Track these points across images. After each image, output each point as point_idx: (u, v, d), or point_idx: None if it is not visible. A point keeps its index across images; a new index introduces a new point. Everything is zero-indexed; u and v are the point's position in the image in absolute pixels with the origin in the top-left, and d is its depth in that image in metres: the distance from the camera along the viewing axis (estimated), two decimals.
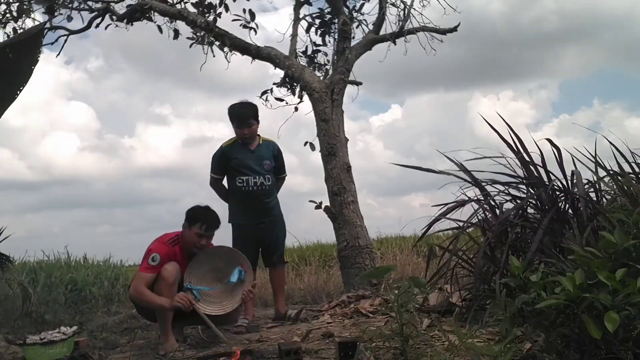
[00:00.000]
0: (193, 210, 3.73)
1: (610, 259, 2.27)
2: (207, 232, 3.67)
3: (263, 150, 4.42)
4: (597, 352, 2.23)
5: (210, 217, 3.72)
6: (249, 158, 4.36)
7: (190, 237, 3.65)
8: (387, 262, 7.33)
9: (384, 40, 5.99)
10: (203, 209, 3.75)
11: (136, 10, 6.26)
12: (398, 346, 2.83)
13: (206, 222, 3.66)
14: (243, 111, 4.39)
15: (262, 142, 4.46)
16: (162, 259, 3.55)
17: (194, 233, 3.64)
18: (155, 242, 3.68)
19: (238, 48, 5.93)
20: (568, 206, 3.76)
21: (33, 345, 3.12)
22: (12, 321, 5.24)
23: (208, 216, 3.71)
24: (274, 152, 4.48)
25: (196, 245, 3.67)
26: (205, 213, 3.72)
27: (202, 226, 3.64)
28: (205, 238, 3.68)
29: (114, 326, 5.02)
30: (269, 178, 4.37)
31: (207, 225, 3.66)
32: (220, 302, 3.74)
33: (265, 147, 4.45)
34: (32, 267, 8.08)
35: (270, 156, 4.43)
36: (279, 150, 4.54)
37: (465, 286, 4.02)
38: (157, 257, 3.55)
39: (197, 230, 3.63)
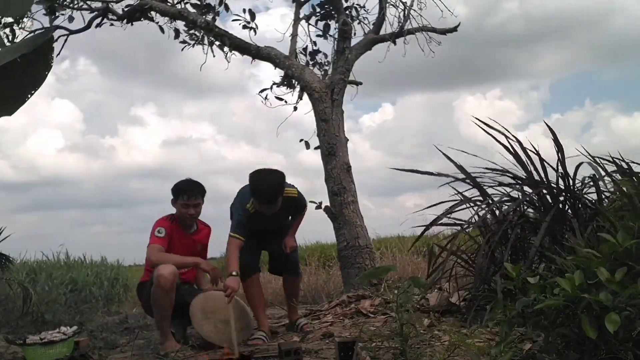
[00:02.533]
0: (174, 185, 3.86)
1: (610, 259, 2.28)
2: (190, 200, 3.78)
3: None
4: (597, 352, 2.23)
5: (190, 186, 3.83)
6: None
7: (179, 210, 3.81)
8: (387, 262, 7.33)
9: (384, 40, 5.99)
10: (182, 181, 3.86)
11: (136, 10, 6.26)
12: (398, 346, 2.84)
13: (186, 192, 3.78)
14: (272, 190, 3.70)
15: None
16: (167, 232, 3.72)
17: (180, 205, 3.79)
18: (157, 221, 3.83)
19: (238, 48, 5.94)
20: (568, 206, 3.76)
21: (33, 345, 3.12)
22: (12, 321, 5.24)
23: (187, 186, 3.82)
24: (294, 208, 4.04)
25: (187, 216, 3.81)
26: (185, 184, 3.83)
27: (184, 196, 3.77)
28: (192, 207, 3.79)
29: (114, 326, 5.02)
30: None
31: (188, 195, 3.78)
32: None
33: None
34: (31, 267, 8.09)
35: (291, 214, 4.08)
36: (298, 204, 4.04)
37: (465, 286, 4.02)
38: (162, 230, 3.72)
39: (182, 202, 3.78)
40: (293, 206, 4.00)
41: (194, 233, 3.94)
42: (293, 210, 4.05)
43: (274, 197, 3.66)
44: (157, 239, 3.70)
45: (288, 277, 4.24)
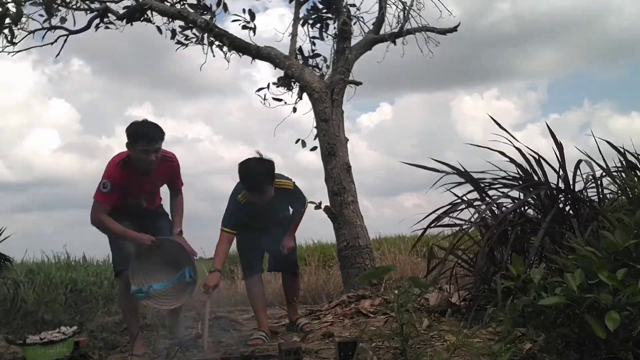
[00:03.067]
0: (130, 128, 3.39)
1: (611, 258, 2.28)
2: (150, 145, 3.34)
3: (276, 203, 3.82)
4: (597, 352, 2.23)
5: (150, 130, 3.38)
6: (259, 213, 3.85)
7: (138, 157, 3.36)
8: (386, 262, 7.32)
9: (383, 41, 5.99)
10: (139, 123, 3.42)
11: (136, 10, 6.26)
12: (398, 346, 2.84)
13: (147, 137, 3.34)
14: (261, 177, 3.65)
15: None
16: (113, 186, 3.36)
17: (139, 152, 3.34)
18: (108, 164, 3.47)
19: (238, 48, 5.94)
20: (568, 206, 3.77)
21: (33, 345, 3.12)
22: (12, 321, 5.24)
23: (147, 129, 3.38)
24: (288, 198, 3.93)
25: (147, 163, 3.37)
26: (144, 127, 3.39)
27: (144, 141, 3.33)
28: (152, 153, 3.35)
29: (114, 326, 5.01)
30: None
31: (148, 139, 3.34)
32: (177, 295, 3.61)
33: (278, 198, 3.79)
34: (30, 268, 8.08)
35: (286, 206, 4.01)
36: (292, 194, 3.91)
37: (465, 286, 4.03)
38: (107, 184, 3.36)
39: (142, 148, 3.33)
40: (288, 199, 3.92)
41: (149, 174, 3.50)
42: (289, 203, 3.99)
43: (261, 184, 3.58)
44: (102, 196, 3.37)
45: (286, 277, 4.24)
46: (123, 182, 3.41)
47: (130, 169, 3.42)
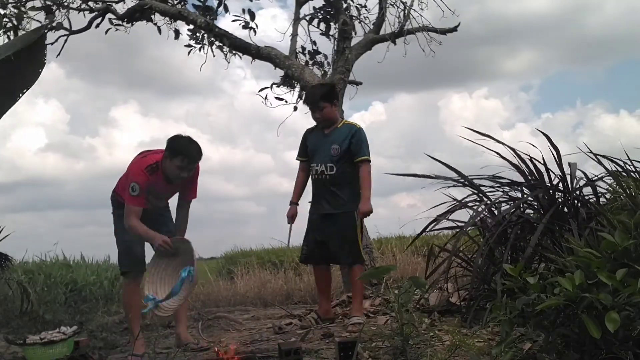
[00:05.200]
0: (175, 142, 3.51)
1: (610, 259, 2.28)
2: (189, 165, 3.48)
3: (337, 134, 3.95)
4: (597, 352, 2.23)
5: (193, 151, 3.51)
6: (320, 143, 3.99)
7: (172, 169, 3.47)
8: (386, 262, 7.32)
9: (383, 40, 6.00)
10: (185, 140, 3.53)
11: (136, 11, 6.26)
12: (398, 346, 2.84)
13: (188, 157, 3.47)
14: (313, 92, 4.04)
15: (340, 126, 4.00)
16: (142, 188, 3.45)
17: (175, 166, 3.45)
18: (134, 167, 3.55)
19: (238, 48, 5.94)
20: (567, 206, 3.77)
21: (33, 345, 3.12)
22: (12, 321, 5.24)
23: (190, 149, 3.50)
24: (350, 135, 3.91)
25: (176, 176, 3.50)
26: (188, 146, 3.51)
27: (184, 160, 3.45)
28: (186, 171, 3.49)
29: (114, 326, 5.02)
30: (331, 167, 3.90)
31: (188, 160, 3.48)
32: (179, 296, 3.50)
33: (340, 131, 3.96)
34: (29, 268, 8.08)
35: (342, 140, 3.91)
36: (357, 132, 3.93)
37: (465, 286, 4.03)
38: (136, 187, 3.44)
39: (179, 164, 3.45)
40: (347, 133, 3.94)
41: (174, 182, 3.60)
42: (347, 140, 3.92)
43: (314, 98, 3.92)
44: (133, 199, 3.46)
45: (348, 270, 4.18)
46: (149, 187, 3.48)
47: (156, 176, 3.50)
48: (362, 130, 3.98)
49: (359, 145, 3.90)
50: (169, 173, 3.50)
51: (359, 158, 3.89)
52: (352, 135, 3.91)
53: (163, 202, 3.76)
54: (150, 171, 3.49)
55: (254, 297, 6.38)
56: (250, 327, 4.38)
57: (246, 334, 4.09)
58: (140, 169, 3.50)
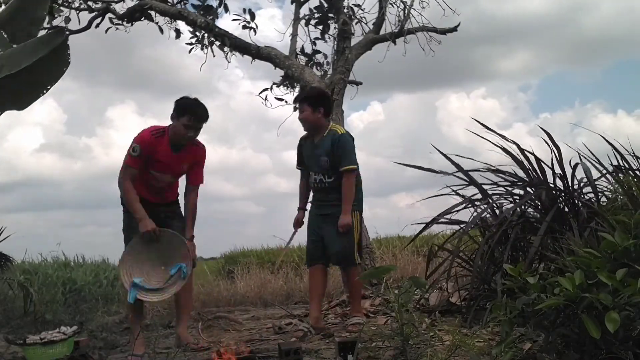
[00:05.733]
0: (182, 101, 3.60)
1: (610, 259, 2.28)
2: (195, 123, 3.55)
3: (323, 144, 3.88)
4: (597, 352, 2.23)
5: (199, 109, 3.60)
6: (311, 154, 3.95)
7: (178, 129, 3.54)
8: (387, 262, 7.32)
9: (383, 40, 6.00)
10: (192, 100, 3.62)
11: (136, 10, 6.26)
12: (398, 346, 2.84)
13: (194, 114, 3.55)
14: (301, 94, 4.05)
15: (326, 134, 3.90)
16: (142, 150, 3.51)
17: (182, 124, 3.52)
18: (142, 131, 3.60)
19: (238, 48, 5.94)
20: (568, 206, 3.77)
21: (33, 345, 3.12)
22: (12, 321, 5.24)
23: (197, 108, 3.59)
24: (332, 144, 3.84)
25: (183, 137, 3.55)
26: (195, 105, 3.60)
27: (191, 118, 3.53)
28: (192, 130, 3.56)
29: (114, 326, 5.02)
30: (329, 175, 3.87)
31: (195, 117, 3.55)
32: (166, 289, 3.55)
33: (325, 140, 3.88)
34: (27, 269, 8.08)
35: (328, 150, 3.85)
36: (339, 140, 3.85)
37: (465, 286, 4.03)
38: (137, 148, 3.51)
39: (186, 122, 3.52)
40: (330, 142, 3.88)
41: (179, 152, 3.63)
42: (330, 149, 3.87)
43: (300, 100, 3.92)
44: (131, 160, 3.52)
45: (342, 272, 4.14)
46: (152, 151, 3.53)
47: (162, 141, 3.56)
48: (345, 136, 3.90)
49: (343, 154, 3.84)
50: (176, 133, 3.55)
51: (343, 167, 3.82)
52: (333, 143, 3.85)
53: (167, 178, 3.68)
54: (155, 134, 3.56)
55: (254, 297, 6.38)
56: (250, 327, 4.38)
57: (246, 334, 4.09)
58: (147, 132, 3.57)
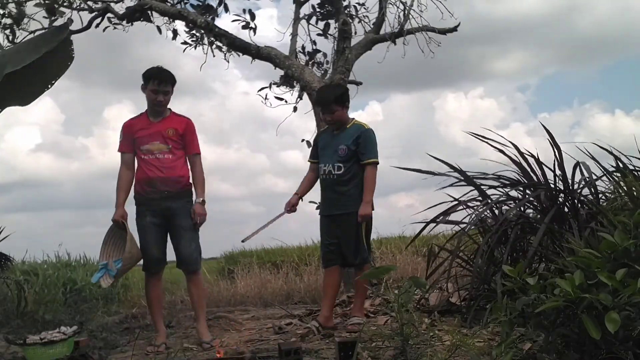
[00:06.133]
0: (146, 71, 3.83)
1: (610, 259, 2.28)
2: (160, 87, 3.75)
3: (345, 135, 3.90)
4: (597, 352, 2.23)
5: (161, 73, 3.81)
6: (328, 144, 3.98)
7: (149, 96, 3.79)
8: (387, 262, 7.33)
9: (383, 40, 6.00)
10: (155, 67, 3.85)
11: (136, 10, 6.26)
12: (398, 346, 2.84)
13: (157, 77, 3.77)
14: (326, 94, 4.03)
15: (349, 126, 3.94)
16: (124, 133, 3.84)
17: (150, 91, 3.76)
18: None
19: (238, 48, 5.94)
20: (568, 207, 3.77)
21: (33, 345, 3.12)
22: (12, 321, 5.24)
23: (159, 72, 3.80)
24: (357, 136, 3.86)
25: (155, 103, 3.77)
26: (157, 70, 3.82)
27: (154, 82, 3.75)
28: (161, 94, 3.76)
29: (114, 326, 5.02)
30: (339, 166, 3.85)
31: (158, 80, 3.76)
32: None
33: (349, 131, 3.91)
34: (27, 269, 8.08)
35: (350, 141, 3.85)
36: (364, 133, 3.88)
37: (465, 286, 4.03)
38: (120, 134, 3.86)
39: (152, 87, 3.75)
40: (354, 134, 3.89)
41: (160, 121, 3.81)
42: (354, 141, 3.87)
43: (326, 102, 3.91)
44: (119, 145, 3.85)
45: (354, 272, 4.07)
46: (132, 129, 3.80)
47: (140, 118, 3.86)
48: (370, 131, 3.93)
49: (366, 147, 3.85)
50: (149, 101, 3.81)
51: (366, 160, 3.83)
52: (359, 135, 3.86)
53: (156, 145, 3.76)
54: (133, 117, 3.89)
55: (254, 297, 6.38)
56: (250, 327, 4.38)
57: (246, 334, 4.09)
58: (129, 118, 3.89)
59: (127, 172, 3.81)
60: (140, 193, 3.79)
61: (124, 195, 3.79)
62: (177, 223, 3.74)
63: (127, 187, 3.81)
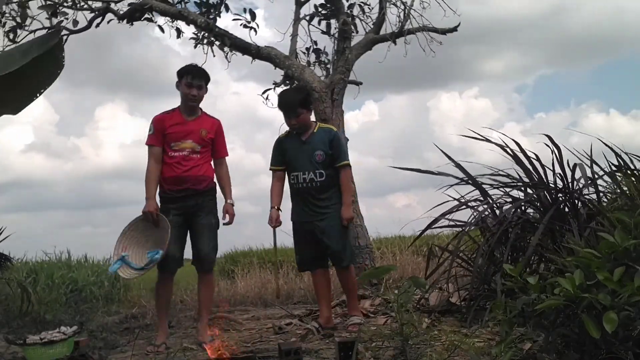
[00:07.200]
0: (180, 68, 3.93)
1: (610, 259, 2.28)
2: (193, 80, 3.83)
3: (315, 140, 3.89)
4: (597, 352, 2.23)
5: (195, 68, 3.92)
6: (299, 151, 3.91)
7: (183, 91, 3.85)
8: (387, 262, 7.32)
9: (384, 40, 6.00)
10: (189, 64, 3.96)
11: (136, 10, 6.26)
12: (398, 346, 2.84)
13: (191, 72, 3.85)
14: (289, 98, 3.96)
15: (316, 130, 3.93)
16: (155, 127, 3.83)
17: (184, 85, 3.82)
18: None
19: (238, 48, 5.94)
20: (568, 206, 3.77)
21: (33, 345, 3.12)
22: (12, 321, 5.24)
23: (192, 68, 3.91)
24: (330, 140, 3.88)
25: (188, 97, 3.82)
26: (190, 65, 3.94)
27: (188, 76, 3.83)
28: (194, 88, 3.83)
29: (114, 326, 5.02)
30: (321, 173, 3.83)
31: (192, 75, 3.84)
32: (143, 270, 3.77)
33: (318, 136, 3.90)
34: (32, 267, 8.09)
35: (325, 146, 3.86)
36: (335, 136, 3.92)
37: (465, 286, 4.03)
38: (151, 127, 3.86)
39: (186, 81, 3.82)
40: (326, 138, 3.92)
41: (194, 119, 3.86)
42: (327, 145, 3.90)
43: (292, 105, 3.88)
44: (149, 138, 3.84)
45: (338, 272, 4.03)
46: (165, 124, 3.81)
47: (173, 114, 3.87)
48: (339, 134, 4.04)
49: (339, 150, 3.88)
50: (183, 96, 3.84)
51: (340, 163, 3.86)
52: (332, 139, 3.88)
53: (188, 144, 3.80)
54: (166, 112, 3.90)
55: (254, 297, 6.38)
56: (250, 327, 4.38)
57: (246, 334, 4.09)
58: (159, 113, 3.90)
59: (156, 165, 3.79)
60: (166, 191, 3.80)
61: (154, 188, 3.78)
62: (199, 221, 3.79)
63: (157, 179, 3.80)
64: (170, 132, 3.78)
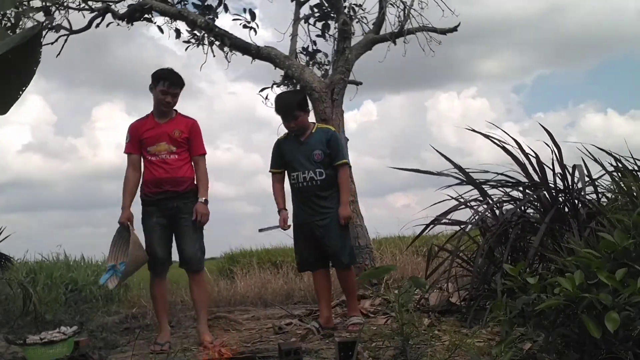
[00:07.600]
0: (156, 72, 3.88)
1: (609, 259, 2.28)
2: (170, 89, 3.79)
3: (314, 140, 3.94)
4: (597, 352, 2.23)
5: (172, 75, 3.86)
6: (298, 151, 3.94)
7: (157, 96, 3.82)
8: (387, 262, 7.32)
9: (384, 40, 6.00)
10: (165, 69, 3.90)
11: (136, 10, 6.26)
12: (398, 346, 2.84)
13: (167, 79, 3.81)
14: (287, 101, 4.01)
15: (314, 131, 3.98)
16: (131, 134, 3.87)
17: (158, 91, 3.79)
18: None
19: (238, 48, 5.94)
20: (568, 206, 3.77)
21: (33, 345, 3.12)
22: (12, 321, 5.24)
23: (169, 74, 3.85)
24: (327, 139, 3.92)
25: (162, 104, 3.80)
26: (167, 71, 3.87)
27: (165, 83, 3.79)
28: (169, 95, 3.80)
29: (114, 326, 5.02)
30: (320, 172, 3.86)
31: (169, 82, 3.80)
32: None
33: (316, 136, 3.95)
34: (32, 267, 8.08)
35: (322, 145, 3.90)
36: (333, 136, 3.97)
37: (465, 286, 4.03)
38: (127, 136, 3.89)
39: (161, 88, 3.78)
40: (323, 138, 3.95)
41: (167, 122, 3.84)
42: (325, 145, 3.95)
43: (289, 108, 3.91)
44: (126, 146, 3.88)
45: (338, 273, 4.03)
46: (139, 131, 3.84)
47: (147, 119, 3.89)
48: (337, 133, 4.05)
49: (337, 149, 3.92)
50: (156, 102, 3.83)
51: (338, 162, 3.90)
52: (329, 139, 3.92)
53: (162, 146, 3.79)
54: (140, 118, 3.91)
55: (254, 297, 6.38)
56: (250, 327, 4.38)
57: (246, 334, 4.09)
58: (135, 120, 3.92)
59: (134, 174, 3.83)
60: (146, 194, 3.81)
61: (130, 198, 3.82)
62: (182, 223, 3.77)
63: (133, 189, 3.84)
64: (145, 137, 3.80)
